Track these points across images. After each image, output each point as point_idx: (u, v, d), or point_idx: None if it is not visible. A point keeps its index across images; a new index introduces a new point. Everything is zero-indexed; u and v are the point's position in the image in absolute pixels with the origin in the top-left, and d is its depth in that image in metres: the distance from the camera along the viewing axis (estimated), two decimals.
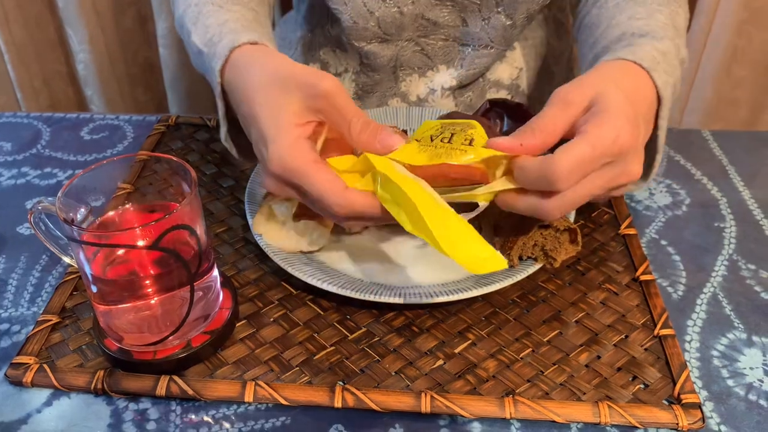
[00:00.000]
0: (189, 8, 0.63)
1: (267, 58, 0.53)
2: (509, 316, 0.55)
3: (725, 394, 0.50)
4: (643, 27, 0.58)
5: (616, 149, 0.46)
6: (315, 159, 0.48)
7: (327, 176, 0.48)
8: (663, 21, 0.59)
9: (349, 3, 0.72)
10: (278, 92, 0.50)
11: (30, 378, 0.50)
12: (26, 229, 0.65)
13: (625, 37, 0.58)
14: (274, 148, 0.49)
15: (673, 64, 0.56)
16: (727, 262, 0.61)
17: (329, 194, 0.47)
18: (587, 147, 0.45)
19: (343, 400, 0.48)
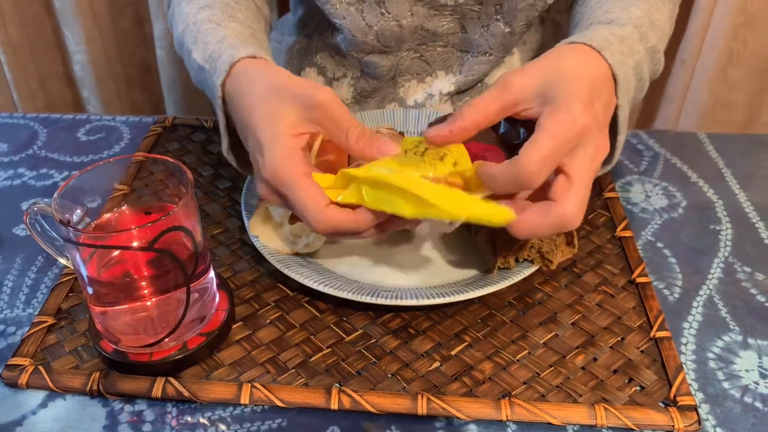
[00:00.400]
0: (188, 28, 0.63)
1: (265, 70, 0.54)
2: (505, 318, 0.55)
3: (721, 396, 0.50)
4: (609, 16, 0.58)
5: (576, 131, 0.46)
6: (305, 172, 0.49)
7: (311, 190, 0.48)
8: (636, 13, 0.59)
9: (347, 17, 0.72)
10: (275, 103, 0.51)
11: (25, 379, 0.50)
12: (22, 230, 0.65)
13: (588, 26, 0.58)
14: (268, 156, 0.49)
15: (634, 48, 0.55)
16: (722, 265, 0.61)
17: (310, 209, 0.48)
18: (548, 137, 0.45)
19: (340, 402, 0.48)
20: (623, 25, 0.56)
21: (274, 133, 0.50)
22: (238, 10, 0.66)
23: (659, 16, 0.62)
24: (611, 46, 0.53)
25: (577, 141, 0.47)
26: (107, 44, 1.36)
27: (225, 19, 0.63)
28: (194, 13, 0.64)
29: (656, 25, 0.60)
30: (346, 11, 0.72)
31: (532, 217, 0.47)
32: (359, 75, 0.80)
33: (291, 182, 0.49)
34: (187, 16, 0.65)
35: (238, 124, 0.55)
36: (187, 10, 0.65)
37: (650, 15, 0.60)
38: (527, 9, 0.73)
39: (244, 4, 0.69)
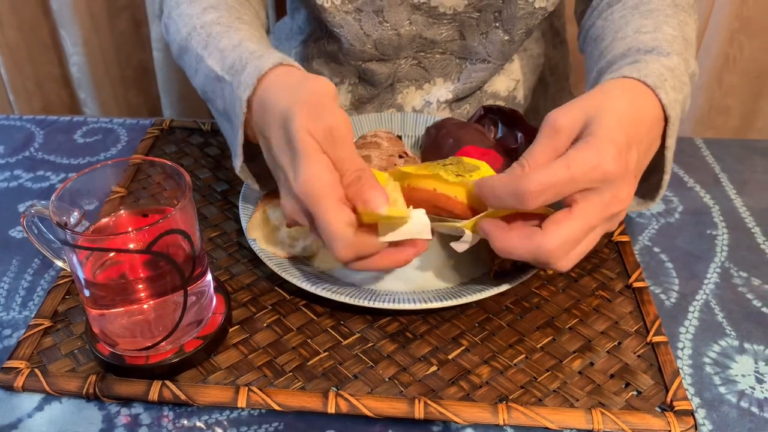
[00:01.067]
0: (194, 32, 0.60)
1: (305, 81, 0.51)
2: (503, 322, 0.55)
3: (717, 401, 0.50)
4: (650, 42, 0.55)
5: (598, 175, 0.45)
6: (340, 197, 0.47)
7: (342, 217, 0.46)
8: (671, 33, 0.56)
9: (345, 26, 0.72)
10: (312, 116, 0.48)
11: (21, 382, 0.50)
12: (18, 233, 0.65)
13: (631, 53, 0.55)
14: (306, 169, 0.47)
15: (683, 81, 0.53)
16: (719, 270, 0.61)
17: (336, 237, 0.46)
18: (562, 167, 0.44)
19: (337, 405, 0.48)
20: (668, 54, 0.53)
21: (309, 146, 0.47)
22: (243, 12, 0.63)
23: (689, 31, 0.59)
24: (665, 83, 0.50)
25: (594, 184, 0.45)
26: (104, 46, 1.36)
27: (234, 20, 0.60)
28: (198, 14, 0.61)
29: (689, 43, 0.58)
30: (344, 20, 0.72)
31: (513, 235, 0.46)
32: (357, 82, 0.80)
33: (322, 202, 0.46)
34: (190, 18, 0.61)
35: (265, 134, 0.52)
36: (189, 11, 0.62)
37: (683, 33, 0.58)
38: (527, 17, 0.73)
39: (247, 7, 0.67)
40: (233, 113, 0.54)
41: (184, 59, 0.62)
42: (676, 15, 0.59)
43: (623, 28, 0.59)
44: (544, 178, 0.44)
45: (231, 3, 0.63)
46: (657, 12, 0.59)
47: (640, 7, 0.61)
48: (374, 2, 0.70)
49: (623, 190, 0.47)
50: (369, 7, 0.71)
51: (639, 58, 0.54)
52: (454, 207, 0.51)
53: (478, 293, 0.53)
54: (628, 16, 0.61)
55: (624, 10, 0.62)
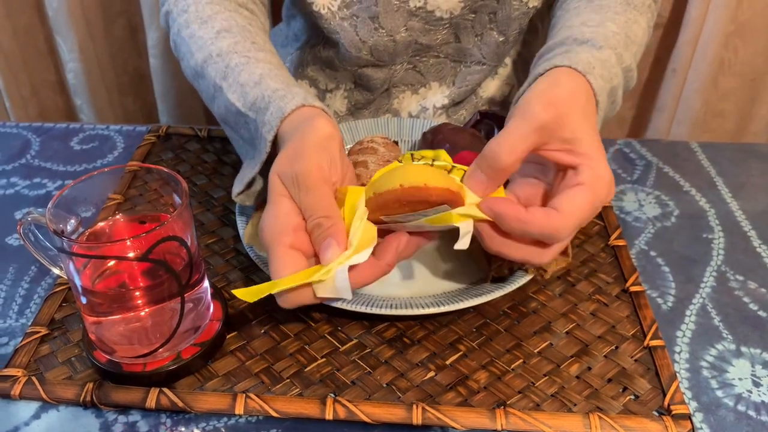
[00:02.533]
0: (210, 59, 0.60)
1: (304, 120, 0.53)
2: (500, 327, 0.55)
3: (714, 404, 0.50)
4: (586, 33, 0.58)
5: (612, 192, 0.49)
6: (291, 243, 0.48)
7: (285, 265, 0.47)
8: (613, 30, 0.59)
9: (341, 32, 0.72)
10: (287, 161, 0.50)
11: (18, 390, 0.50)
12: (15, 240, 0.65)
13: (567, 42, 0.58)
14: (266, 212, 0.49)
15: (612, 72, 0.56)
16: (715, 273, 0.61)
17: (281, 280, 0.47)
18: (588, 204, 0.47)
19: (334, 412, 0.48)
20: (601, 48, 0.56)
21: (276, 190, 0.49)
22: (254, 33, 0.63)
23: (636, 29, 0.61)
24: (594, 70, 0.53)
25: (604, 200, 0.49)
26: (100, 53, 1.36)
27: (250, 47, 0.60)
28: (212, 39, 0.61)
29: (632, 40, 0.60)
30: (340, 26, 0.72)
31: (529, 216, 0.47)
32: (353, 87, 0.80)
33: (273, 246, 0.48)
34: (204, 42, 0.61)
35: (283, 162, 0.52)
36: (201, 34, 0.62)
37: (627, 30, 0.60)
38: (521, 17, 0.73)
39: (256, 23, 0.66)
40: (258, 148, 0.56)
41: (200, 83, 0.62)
42: (624, 13, 0.61)
43: (572, 18, 0.61)
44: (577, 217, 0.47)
45: (242, 23, 0.63)
46: (607, 9, 0.62)
47: (594, 2, 0.63)
48: (370, 8, 0.71)
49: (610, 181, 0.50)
50: (365, 13, 0.71)
51: (571, 48, 0.56)
52: (428, 195, 0.47)
53: (475, 298, 0.53)
54: (581, 8, 0.63)
55: (579, 2, 0.64)
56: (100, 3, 1.32)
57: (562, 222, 0.47)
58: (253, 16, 0.67)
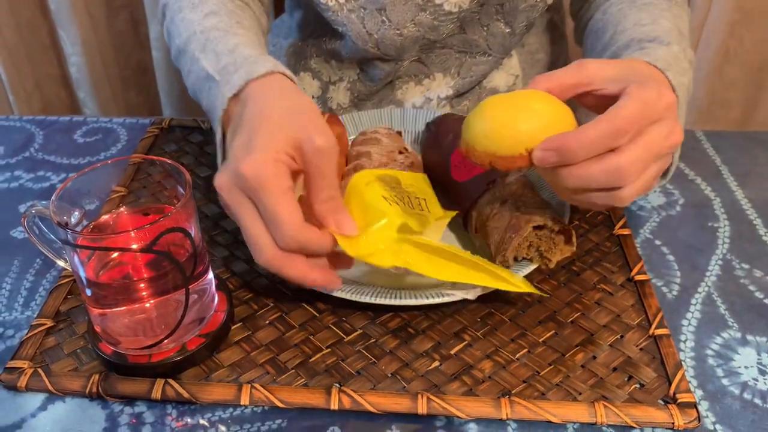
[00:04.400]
0: (194, 36, 0.61)
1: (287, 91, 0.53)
2: (504, 317, 0.55)
3: (720, 393, 0.50)
4: (650, 33, 0.59)
5: (663, 104, 0.46)
6: (290, 186, 0.47)
7: (292, 206, 0.47)
8: (667, 26, 0.60)
9: (348, 24, 0.72)
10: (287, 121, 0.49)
11: (24, 382, 0.50)
12: (20, 233, 0.65)
13: (633, 44, 0.58)
14: (259, 154, 0.47)
15: (684, 67, 0.56)
16: (721, 262, 0.61)
17: (285, 223, 0.46)
18: (637, 102, 0.46)
19: (340, 402, 0.48)
20: (668, 44, 0.56)
21: (272, 140, 0.48)
22: (243, 17, 0.64)
23: (683, 24, 0.63)
24: (671, 66, 0.54)
25: (660, 114, 0.47)
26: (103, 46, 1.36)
27: (233, 25, 0.61)
28: (199, 20, 0.62)
29: (683, 35, 0.61)
30: (347, 18, 0.72)
31: (586, 163, 0.46)
32: (356, 78, 0.80)
33: (273, 190, 0.46)
34: (191, 23, 0.62)
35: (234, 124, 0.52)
36: (190, 17, 0.63)
37: (678, 26, 0.61)
38: (528, 10, 0.73)
39: (248, 12, 0.68)
40: (213, 109, 0.55)
41: (181, 61, 0.63)
42: (670, 9, 0.63)
43: (622, 22, 0.63)
44: (628, 111, 0.45)
45: (231, 8, 0.64)
46: (653, 6, 0.63)
47: (637, 2, 0.65)
48: (377, 0, 0.70)
49: (678, 124, 0.48)
50: (372, 5, 0.71)
51: (644, 46, 0.57)
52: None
53: (480, 288, 0.53)
54: (626, 10, 0.64)
55: (622, 4, 0.66)
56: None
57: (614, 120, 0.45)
58: (246, 7, 0.69)
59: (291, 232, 0.46)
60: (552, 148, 0.46)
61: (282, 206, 0.46)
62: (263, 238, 0.47)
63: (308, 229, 0.47)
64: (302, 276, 0.48)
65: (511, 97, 0.48)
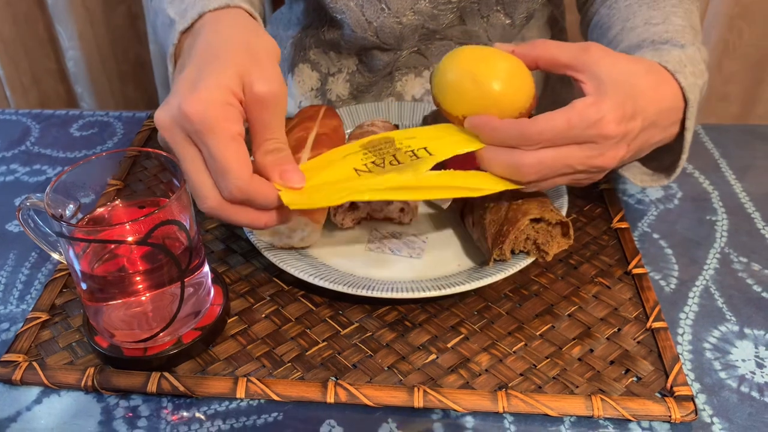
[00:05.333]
0: None
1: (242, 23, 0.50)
2: (502, 310, 0.55)
3: (717, 386, 0.50)
4: (662, 33, 0.58)
5: (596, 131, 0.48)
6: (239, 132, 0.45)
7: (241, 154, 0.44)
8: (680, 24, 0.59)
9: (347, 11, 0.71)
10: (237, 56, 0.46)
11: (19, 376, 0.50)
12: (15, 227, 0.64)
13: (646, 44, 0.58)
14: (204, 93, 0.43)
15: (701, 69, 0.55)
16: (719, 255, 0.61)
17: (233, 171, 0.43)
18: (563, 121, 0.48)
19: (336, 395, 0.48)
20: (683, 46, 0.56)
21: (221, 79, 0.44)
22: None
23: (695, 19, 0.61)
24: (685, 68, 0.53)
25: (587, 139, 0.49)
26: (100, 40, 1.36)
27: None
28: None
29: (696, 31, 0.60)
30: (346, 6, 0.71)
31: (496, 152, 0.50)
32: (355, 70, 0.80)
33: (221, 134, 0.43)
34: None
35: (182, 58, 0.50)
36: None
37: (690, 22, 0.60)
38: (528, 1, 0.73)
39: None
40: (167, 46, 0.52)
41: (156, 24, 0.60)
42: (681, 4, 0.61)
43: (631, 18, 0.61)
44: (547, 125, 0.48)
45: None
46: (663, 2, 0.61)
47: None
48: None
49: (612, 151, 0.50)
50: None
51: (657, 48, 0.56)
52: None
53: (477, 281, 0.53)
54: (635, 6, 0.63)
55: (629, 0, 0.64)
56: None
57: (528, 126, 0.48)
58: None
59: (238, 182, 0.44)
60: (472, 125, 0.51)
61: (229, 153, 0.43)
62: (207, 185, 0.45)
63: (257, 181, 0.45)
64: (252, 220, 0.46)
65: (479, 59, 0.52)
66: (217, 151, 0.44)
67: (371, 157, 0.52)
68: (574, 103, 0.49)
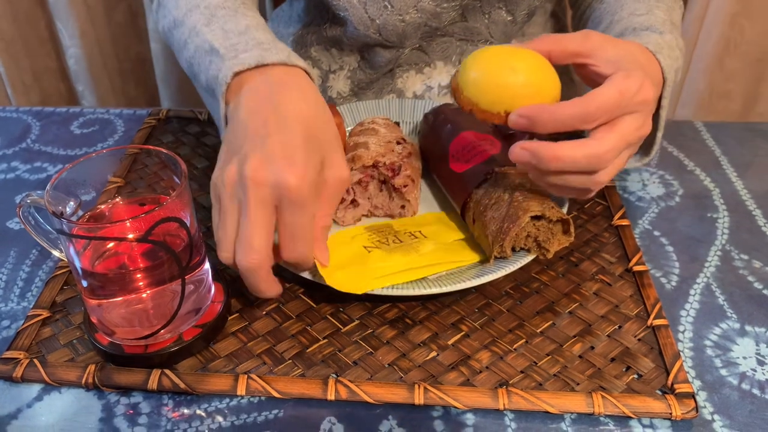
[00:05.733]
0: (196, 9, 0.59)
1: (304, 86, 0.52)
2: (502, 307, 0.55)
3: (718, 383, 0.50)
4: (644, 22, 0.63)
5: (640, 98, 0.49)
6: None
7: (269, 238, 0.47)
8: (662, 17, 0.63)
9: (350, 8, 0.71)
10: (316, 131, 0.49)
11: (20, 373, 0.50)
12: (16, 224, 0.64)
13: (628, 32, 0.62)
14: (304, 170, 0.46)
15: (675, 54, 0.60)
16: (720, 253, 0.61)
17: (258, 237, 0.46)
18: (615, 91, 0.48)
19: (336, 392, 0.48)
20: (662, 33, 0.60)
21: (312, 156, 0.47)
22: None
23: (675, 16, 0.66)
24: (663, 50, 0.58)
25: (634, 107, 0.49)
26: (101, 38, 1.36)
27: (239, 5, 0.60)
28: None
29: (676, 26, 0.65)
30: (349, 3, 0.71)
31: (566, 146, 0.49)
32: (356, 67, 0.80)
33: (308, 212, 0.47)
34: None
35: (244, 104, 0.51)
36: None
37: (671, 17, 0.65)
38: None
39: None
40: (216, 84, 0.53)
41: (174, 34, 0.61)
42: (664, 1, 0.67)
43: (618, 12, 0.66)
44: (603, 98, 0.48)
45: None
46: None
47: None
48: None
49: (648, 119, 0.52)
50: None
51: (638, 33, 0.61)
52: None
53: (478, 278, 0.53)
54: (623, 0, 0.67)
55: None
56: None
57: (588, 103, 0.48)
58: None
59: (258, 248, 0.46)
60: (526, 116, 0.49)
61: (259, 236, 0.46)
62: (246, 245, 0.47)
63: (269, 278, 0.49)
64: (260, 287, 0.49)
65: (509, 54, 0.51)
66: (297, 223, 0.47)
67: (376, 237, 0.58)
68: (610, 78, 0.49)
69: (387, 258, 0.55)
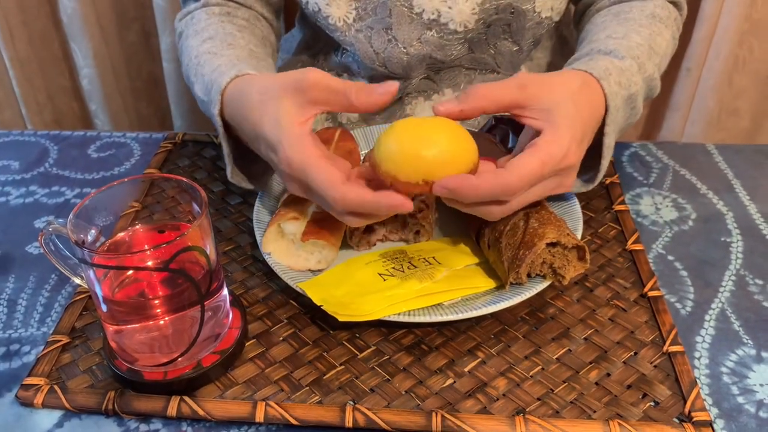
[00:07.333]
0: (191, 61, 0.66)
1: (251, 81, 0.57)
2: (518, 333, 0.55)
3: (736, 411, 0.50)
4: (610, 45, 0.61)
5: (563, 165, 0.52)
6: (318, 154, 0.51)
7: (326, 169, 0.50)
8: (636, 42, 0.62)
9: (356, 43, 0.73)
10: (271, 103, 0.53)
11: (41, 399, 0.50)
12: (35, 249, 0.65)
13: (592, 53, 0.62)
14: (280, 150, 0.52)
15: (632, 80, 0.59)
16: (734, 277, 0.61)
17: (327, 187, 0.50)
18: (538, 163, 0.50)
19: (354, 419, 0.48)
20: (622, 58, 0.60)
21: (279, 128, 0.52)
22: (240, 37, 0.68)
23: (660, 41, 0.65)
24: (610, 76, 0.57)
25: (556, 173, 0.52)
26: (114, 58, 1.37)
27: (223, 47, 0.65)
28: (197, 45, 0.67)
29: (656, 51, 0.64)
30: (355, 38, 0.72)
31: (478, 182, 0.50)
32: None
33: (304, 164, 0.51)
34: (191, 49, 0.68)
35: (247, 137, 0.57)
36: (191, 43, 0.68)
37: (651, 42, 0.63)
38: (534, 27, 0.73)
39: (248, 30, 0.70)
40: (217, 127, 0.60)
41: (190, 86, 0.68)
42: (650, 26, 0.65)
43: (598, 33, 0.66)
44: (525, 173, 0.50)
45: (229, 30, 0.69)
46: (632, 21, 0.65)
47: (620, 15, 0.67)
48: (383, 19, 0.71)
49: (570, 177, 0.55)
50: (379, 25, 0.71)
51: (594, 57, 0.60)
52: None
53: (493, 305, 0.53)
54: (608, 22, 0.67)
55: (606, 17, 0.69)
56: (113, 9, 1.33)
57: (508, 177, 0.49)
58: (249, 24, 0.72)
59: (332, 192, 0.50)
60: (448, 188, 0.49)
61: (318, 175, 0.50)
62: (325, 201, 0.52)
63: (350, 187, 0.50)
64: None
65: (420, 125, 0.51)
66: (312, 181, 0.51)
67: (390, 264, 0.58)
68: (536, 143, 0.51)
69: (402, 285, 0.55)
